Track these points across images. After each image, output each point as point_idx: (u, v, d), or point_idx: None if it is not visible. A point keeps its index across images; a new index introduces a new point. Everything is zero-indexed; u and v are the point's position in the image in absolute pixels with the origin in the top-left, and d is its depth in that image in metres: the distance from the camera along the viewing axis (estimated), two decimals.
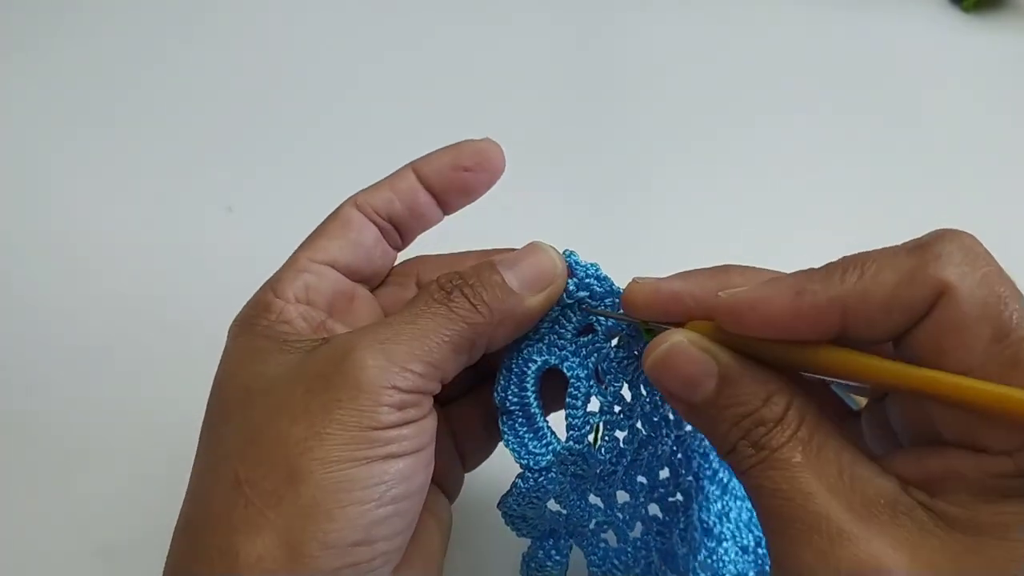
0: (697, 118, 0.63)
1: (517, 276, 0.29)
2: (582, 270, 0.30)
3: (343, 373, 0.26)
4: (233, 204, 0.56)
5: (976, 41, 0.69)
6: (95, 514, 0.41)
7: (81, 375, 0.47)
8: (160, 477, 0.42)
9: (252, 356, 0.29)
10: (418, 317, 0.28)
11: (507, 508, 0.32)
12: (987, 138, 0.62)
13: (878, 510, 0.23)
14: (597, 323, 0.30)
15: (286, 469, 0.25)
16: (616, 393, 0.31)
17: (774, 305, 0.24)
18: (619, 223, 0.56)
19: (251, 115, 0.62)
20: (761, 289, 0.25)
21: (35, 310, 0.50)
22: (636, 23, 0.71)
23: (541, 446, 0.31)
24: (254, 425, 0.27)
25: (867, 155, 0.60)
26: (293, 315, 0.30)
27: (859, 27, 0.71)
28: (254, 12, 0.71)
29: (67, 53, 0.67)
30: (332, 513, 0.25)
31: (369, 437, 0.26)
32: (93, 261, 0.53)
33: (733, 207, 0.56)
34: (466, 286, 0.28)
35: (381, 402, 0.26)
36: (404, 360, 0.27)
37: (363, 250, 0.33)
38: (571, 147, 0.61)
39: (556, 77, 0.66)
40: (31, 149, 0.60)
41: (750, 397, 0.25)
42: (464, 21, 0.71)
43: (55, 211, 0.56)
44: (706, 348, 0.26)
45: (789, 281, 0.24)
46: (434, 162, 0.33)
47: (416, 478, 0.27)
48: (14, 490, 0.42)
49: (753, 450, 0.25)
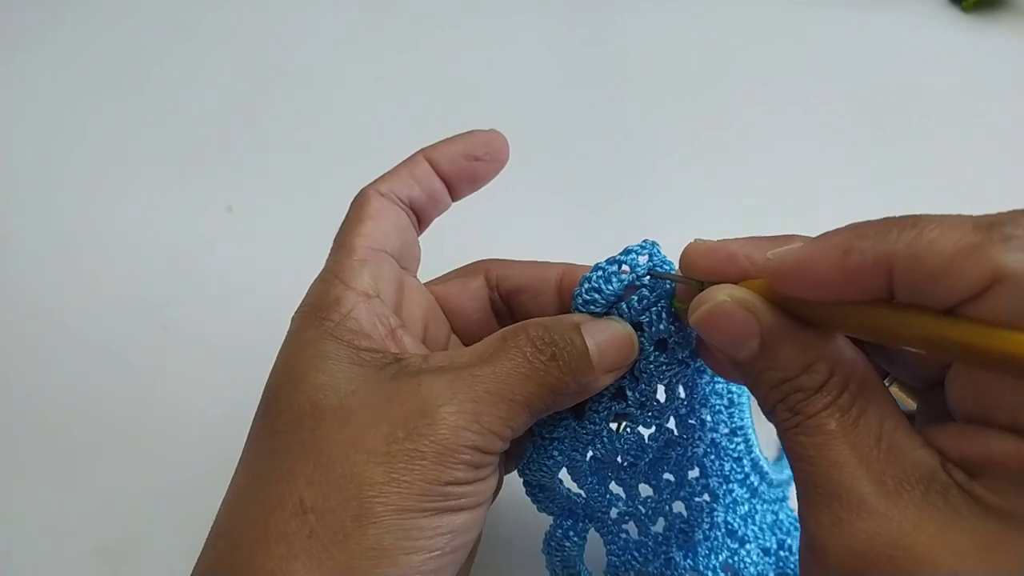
0: (697, 117, 0.63)
1: (599, 349, 0.28)
2: (659, 261, 0.30)
3: (431, 428, 0.26)
4: (233, 204, 0.56)
5: (976, 41, 0.69)
6: (95, 514, 0.41)
7: (81, 375, 0.47)
8: (161, 477, 0.42)
9: (320, 361, 0.28)
10: (508, 376, 0.27)
11: (522, 473, 0.32)
12: (987, 138, 0.61)
13: (910, 485, 0.23)
14: (647, 323, 0.30)
15: (356, 508, 0.25)
16: (646, 391, 0.31)
17: (820, 266, 0.23)
18: (618, 220, 0.56)
19: (251, 115, 0.62)
20: (808, 249, 0.23)
21: (35, 310, 0.50)
22: (636, 22, 0.71)
23: (556, 418, 0.31)
24: (326, 452, 0.26)
25: (867, 155, 0.60)
26: (364, 314, 0.29)
27: (859, 27, 0.71)
28: (255, 12, 0.71)
29: (67, 53, 0.67)
30: (398, 559, 0.25)
31: (443, 492, 0.26)
32: (93, 261, 0.53)
33: (733, 206, 0.56)
34: (559, 352, 0.28)
35: (461, 460, 0.26)
36: (490, 423, 0.26)
37: (403, 234, 0.32)
38: (570, 144, 0.61)
39: (555, 76, 0.66)
40: (31, 149, 0.60)
41: (790, 363, 0.25)
42: (464, 21, 0.71)
43: (55, 211, 0.56)
44: (752, 308, 0.25)
45: (837, 239, 0.23)
46: (446, 150, 0.33)
47: (475, 529, 0.28)
48: (14, 490, 0.42)
49: (789, 414, 0.25)
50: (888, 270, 0.21)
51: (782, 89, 0.66)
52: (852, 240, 0.22)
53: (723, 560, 0.35)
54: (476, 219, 0.52)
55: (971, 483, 0.22)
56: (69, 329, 0.49)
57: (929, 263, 0.21)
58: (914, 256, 0.21)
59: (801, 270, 0.23)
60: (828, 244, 0.23)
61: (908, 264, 0.21)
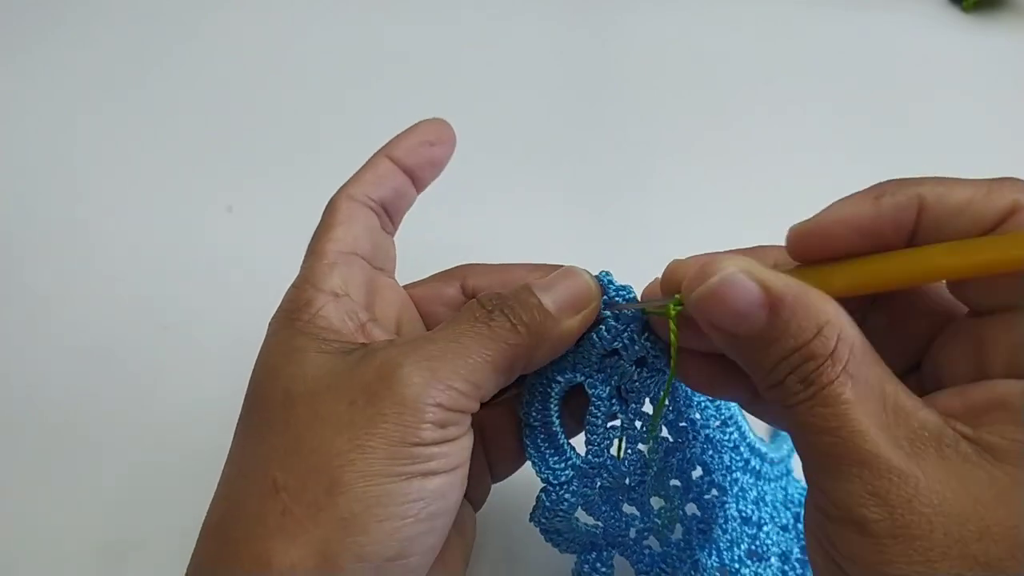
0: (697, 117, 0.63)
1: (553, 299, 0.29)
2: (614, 290, 0.31)
3: (389, 388, 0.26)
4: (233, 204, 0.56)
5: (976, 41, 0.69)
6: (95, 514, 0.41)
7: (81, 375, 0.47)
8: (161, 477, 0.42)
9: (291, 355, 0.29)
10: (461, 336, 0.28)
11: (537, 523, 0.32)
12: (987, 138, 0.61)
13: (923, 444, 0.23)
14: (622, 348, 0.31)
15: (327, 480, 0.25)
16: (637, 410, 0.32)
17: (855, 212, 0.25)
18: (618, 220, 0.56)
19: (251, 115, 0.62)
20: (835, 205, 0.26)
21: (35, 310, 0.50)
22: (636, 22, 0.71)
23: (560, 461, 0.31)
24: (295, 432, 0.27)
25: (867, 155, 0.60)
26: (333, 312, 0.30)
27: (859, 27, 0.71)
28: (255, 12, 0.71)
29: (67, 53, 0.67)
30: (369, 527, 0.25)
31: (410, 453, 0.26)
32: (93, 261, 0.53)
33: (733, 206, 0.56)
34: (506, 306, 0.29)
35: (424, 419, 0.26)
36: (448, 378, 0.27)
37: (374, 235, 0.33)
38: (570, 144, 0.61)
39: (555, 76, 0.66)
40: (31, 148, 0.60)
41: (802, 329, 0.24)
42: (464, 21, 0.71)
43: (55, 211, 0.56)
44: (759, 277, 0.24)
45: (862, 193, 0.26)
46: (403, 143, 0.35)
47: (451, 496, 0.27)
48: (14, 490, 0.42)
49: (802, 386, 0.24)
50: (919, 206, 0.25)
51: (782, 89, 0.66)
52: (883, 187, 0.25)
53: (746, 549, 0.35)
54: (476, 219, 0.52)
55: (977, 433, 0.23)
56: (69, 329, 0.49)
57: (952, 200, 0.24)
58: (940, 195, 0.25)
59: (837, 221, 0.26)
60: (856, 196, 0.26)
61: (937, 199, 0.24)
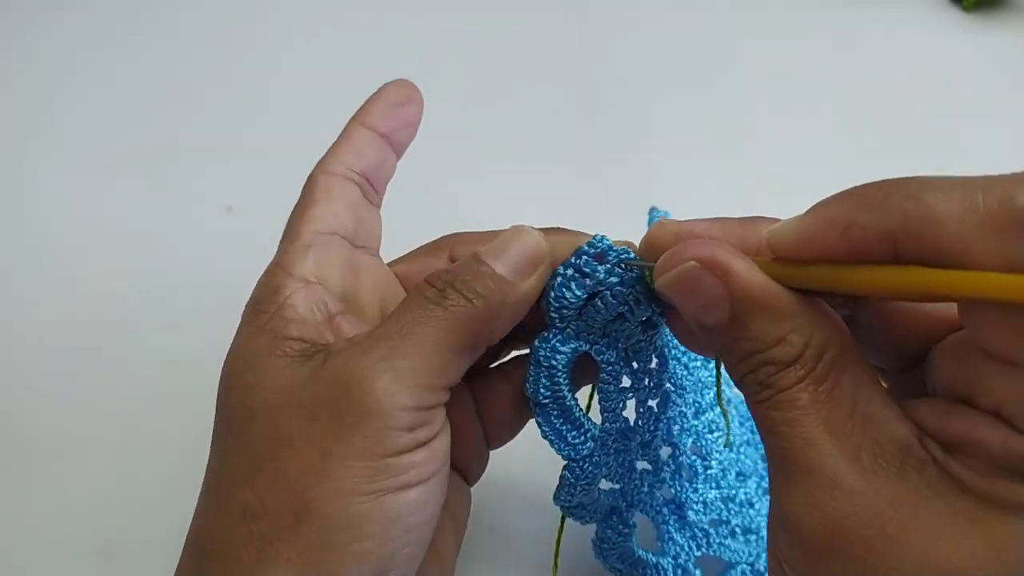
0: (697, 118, 0.63)
1: (505, 263, 0.28)
2: (615, 255, 0.29)
3: (350, 398, 0.25)
4: (233, 204, 0.56)
5: (976, 41, 0.69)
6: (95, 514, 0.41)
7: (80, 375, 0.47)
8: (160, 477, 0.42)
9: (251, 360, 0.27)
10: (415, 325, 0.26)
11: (562, 501, 0.31)
12: (987, 138, 0.61)
13: (885, 461, 0.22)
14: (628, 311, 0.29)
15: (294, 503, 0.24)
16: (645, 368, 0.31)
17: (823, 243, 0.23)
18: (618, 220, 0.55)
19: (251, 115, 0.62)
20: (808, 224, 0.23)
21: (34, 310, 0.50)
22: (635, 21, 0.71)
23: (579, 435, 0.30)
24: (257, 451, 0.26)
25: (867, 154, 0.60)
26: (301, 301, 0.28)
27: (859, 27, 0.71)
28: (255, 11, 0.71)
29: (65, 52, 0.67)
30: (345, 550, 0.24)
31: (383, 466, 0.25)
32: (92, 261, 0.52)
33: (733, 206, 0.56)
34: (457, 281, 0.27)
35: (392, 425, 0.25)
36: (409, 376, 0.25)
37: (356, 211, 0.32)
38: (570, 144, 0.61)
39: (554, 75, 0.66)
40: (30, 148, 0.60)
41: (762, 335, 0.23)
42: (465, 21, 0.71)
43: (54, 211, 0.55)
44: (728, 270, 0.24)
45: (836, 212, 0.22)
46: (374, 108, 0.33)
47: (431, 504, 0.26)
48: (14, 490, 0.42)
49: (759, 387, 0.23)
50: (893, 242, 0.21)
51: (782, 89, 0.66)
52: (853, 214, 0.22)
53: (735, 472, 0.36)
54: (476, 219, 0.52)
55: (948, 459, 0.21)
56: (68, 329, 0.49)
57: (932, 237, 0.20)
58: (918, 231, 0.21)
59: (802, 248, 0.23)
60: (827, 219, 0.23)
61: (912, 239, 0.21)
